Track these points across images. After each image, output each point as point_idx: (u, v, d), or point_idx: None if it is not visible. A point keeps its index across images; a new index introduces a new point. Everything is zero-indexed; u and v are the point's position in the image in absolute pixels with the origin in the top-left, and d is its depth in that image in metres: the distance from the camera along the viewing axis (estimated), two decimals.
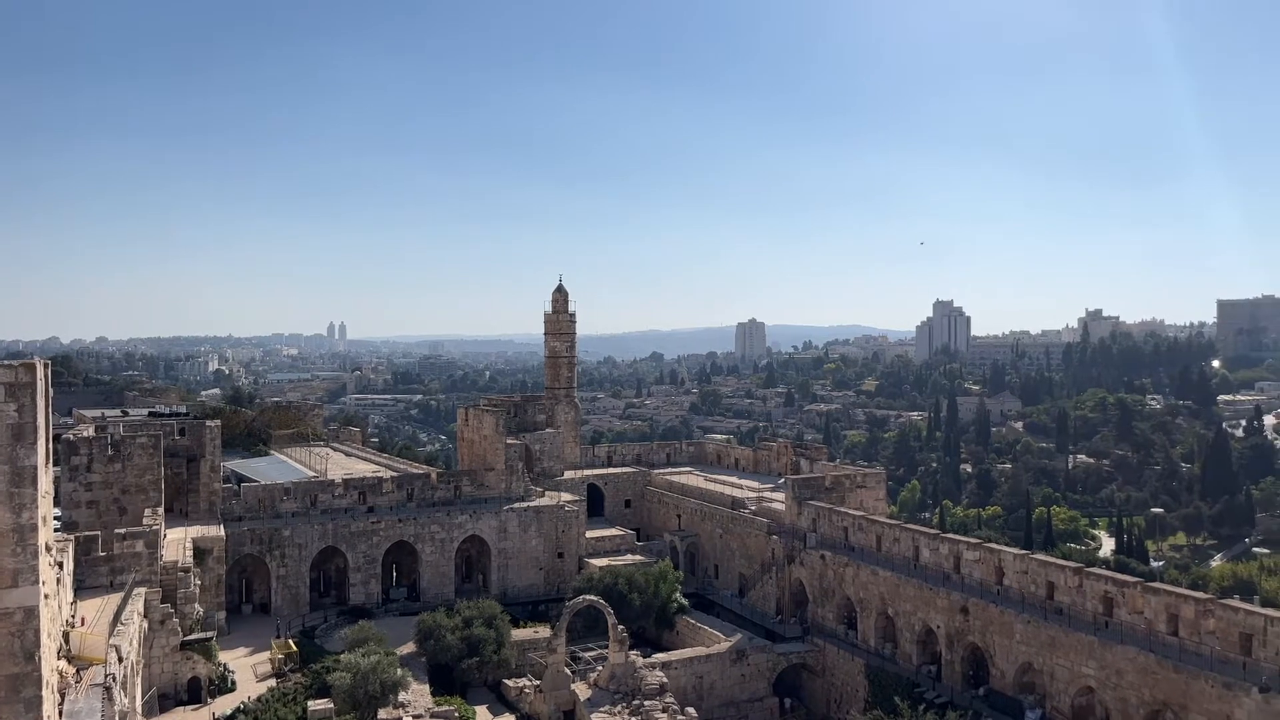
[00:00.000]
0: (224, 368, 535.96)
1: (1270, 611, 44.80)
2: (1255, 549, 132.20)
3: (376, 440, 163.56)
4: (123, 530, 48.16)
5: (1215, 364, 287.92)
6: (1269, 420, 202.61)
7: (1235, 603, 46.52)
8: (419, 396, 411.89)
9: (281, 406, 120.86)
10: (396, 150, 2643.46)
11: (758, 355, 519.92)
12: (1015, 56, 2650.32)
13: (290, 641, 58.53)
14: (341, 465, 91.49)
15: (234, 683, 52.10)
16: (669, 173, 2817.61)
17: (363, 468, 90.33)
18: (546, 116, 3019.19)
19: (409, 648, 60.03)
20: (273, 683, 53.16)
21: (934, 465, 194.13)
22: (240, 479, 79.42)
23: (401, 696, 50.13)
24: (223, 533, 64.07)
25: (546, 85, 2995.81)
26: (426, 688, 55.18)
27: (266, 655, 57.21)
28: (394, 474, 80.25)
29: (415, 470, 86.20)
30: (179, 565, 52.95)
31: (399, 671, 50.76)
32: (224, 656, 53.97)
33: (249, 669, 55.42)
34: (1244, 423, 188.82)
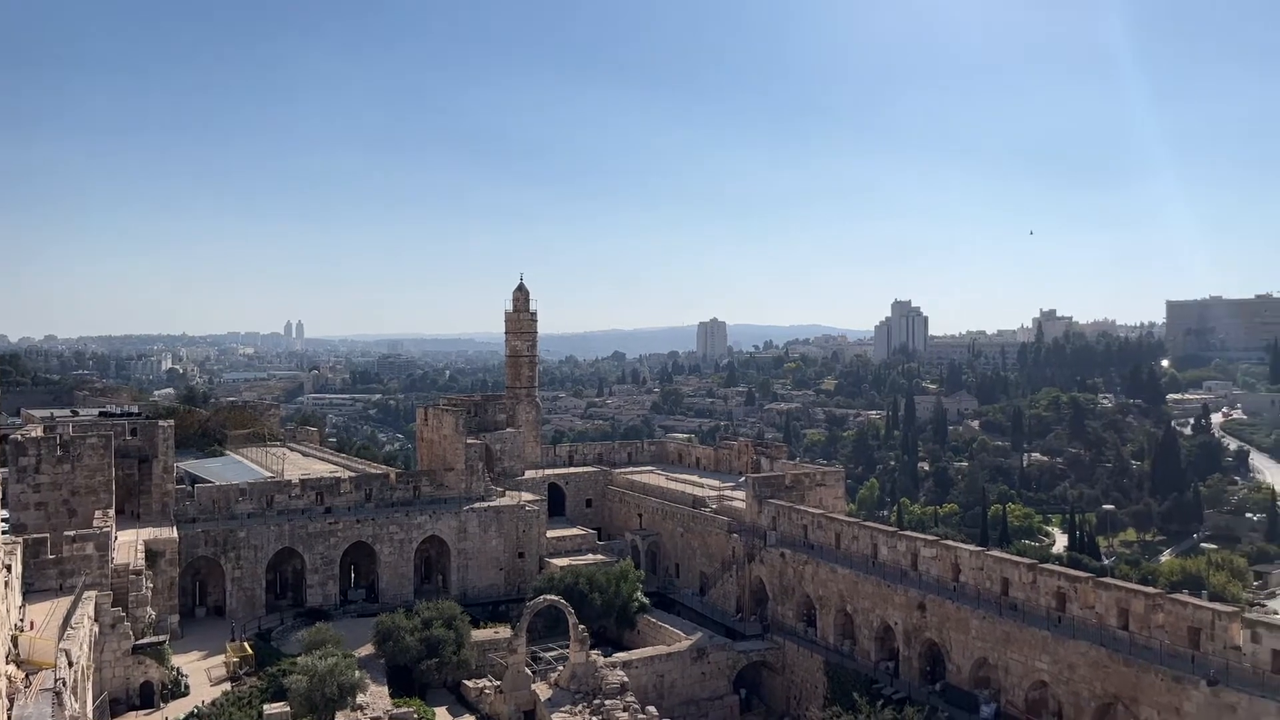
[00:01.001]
0: (178, 367, 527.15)
1: (1218, 606, 45.94)
2: (1203, 544, 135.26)
3: (334, 440, 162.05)
4: (72, 533, 47.27)
5: (1165, 364, 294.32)
6: (1216, 419, 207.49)
7: (1184, 597, 47.57)
8: (378, 396, 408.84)
9: (237, 406, 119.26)
10: (356, 148, 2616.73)
11: (719, 355, 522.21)
12: (973, 61, 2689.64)
13: (246, 644, 57.69)
14: (299, 465, 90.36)
15: (188, 687, 51.29)
16: (632, 173, 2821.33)
17: (320, 468, 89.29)
18: (510, 116, 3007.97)
19: (367, 649, 59.46)
20: (228, 687, 52.41)
21: (892, 463, 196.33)
22: (194, 480, 78.15)
23: (360, 699, 49.66)
24: (176, 534, 62.93)
25: (510, 84, 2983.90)
26: (385, 689, 54.69)
27: (221, 659, 56.30)
28: (352, 474, 79.42)
29: (374, 470, 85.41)
30: (130, 568, 52.01)
31: (357, 673, 50.27)
32: (177, 660, 53.12)
33: (203, 673, 54.52)
34: (1192, 421, 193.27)
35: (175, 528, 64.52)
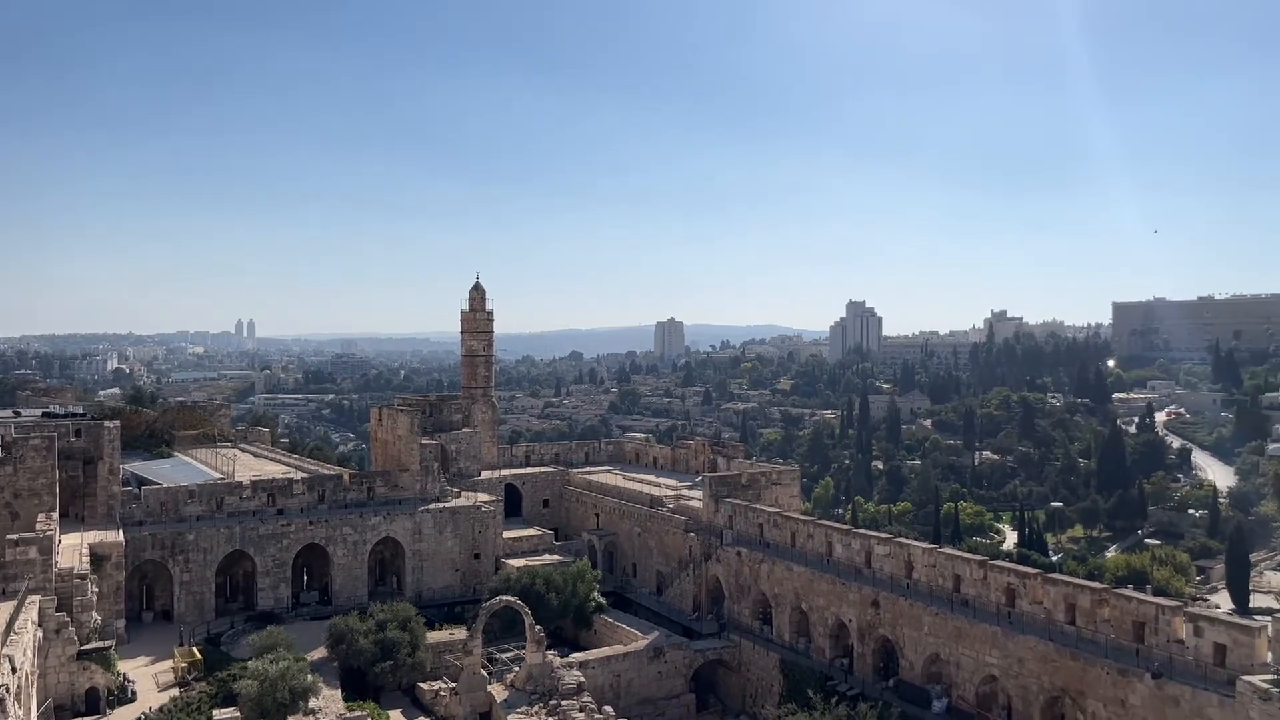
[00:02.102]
0: (124, 366, 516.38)
1: (1161, 600, 47.08)
2: (1147, 540, 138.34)
3: (287, 441, 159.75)
4: (15, 536, 46.21)
5: (1111, 363, 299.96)
6: (1160, 417, 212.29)
7: (1129, 592, 48.64)
8: (331, 396, 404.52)
9: (186, 406, 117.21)
10: (309, 144, 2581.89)
11: (676, 354, 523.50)
12: (926, 65, 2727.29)
13: (194, 649, 56.75)
14: (250, 467, 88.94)
15: (134, 693, 50.40)
16: (590, 173, 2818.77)
17: (272, 469, 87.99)
18: (467, 115, 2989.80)
19: (320, 653, 58.75)
20: (176, 692, 51.59)
21: (847, 462, 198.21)
22: (141, 482, 76.59)
23: (312, 703, 49.02)
24: (122, 538, 61.84)
25: (468, 83, 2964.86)
26: (338, 693, 54.07)
27: (169, 664, 55.36)
28: (305, 475, 78.38)
29: (327, 471, 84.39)
30: (75, 572, 50.96)
31: (309, 677, 49.62)
32: (124, 666, 52.21)
33: (150, 678, 53.63)
34: (1137, 420, 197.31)
35: (121, 531, 63.39)
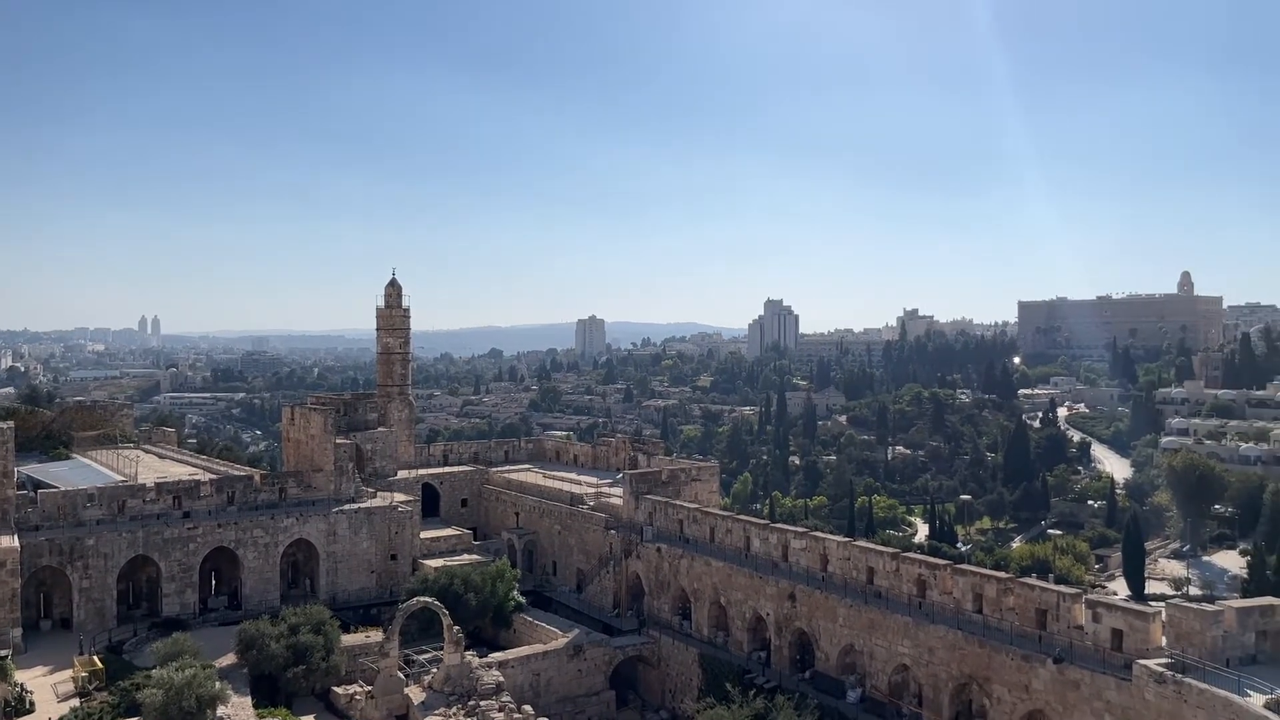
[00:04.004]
0: (19, 364, 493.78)
1: (1063, 588, 48.95)
2: (1050, 530, 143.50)
3: (194, 442, 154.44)
4: None
5: (1016, 360, 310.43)
6: (1062, 412, 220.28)
7: (1032, 581, 50.52)
8: (241, 395, 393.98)
9: (85, 406, 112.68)
10: (214, 135, 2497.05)
11: (597, 352, 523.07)
12: (843, 69, 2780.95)
13: (95, 658, 54.78)
14: (154, 468, 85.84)
15: (33, 704, 48.66)
16: (508, 170, 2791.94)
17: (178, 470, 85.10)
18: (380, 110, 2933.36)
19: (229, 659, 57.12)
20: (76, 703, 49.82)
21: (765, 458, 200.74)
22: (37, 485, 73.29)
23: (220, 711, 47.74)
24: (16, 543, 59.27)
25: (382, 77, 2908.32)
26: (248, 700, 52.65)
27: (69, 674, 53.41)
28: (213, 476, 76.00)
29: (237, 472, 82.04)
30: None
31: (217, 685, 48.25)
32: (21, 676, 50.54)
33: (49, 689, 51.73)
34: (1040, 415, 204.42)
35: (15, 536, 60.72)
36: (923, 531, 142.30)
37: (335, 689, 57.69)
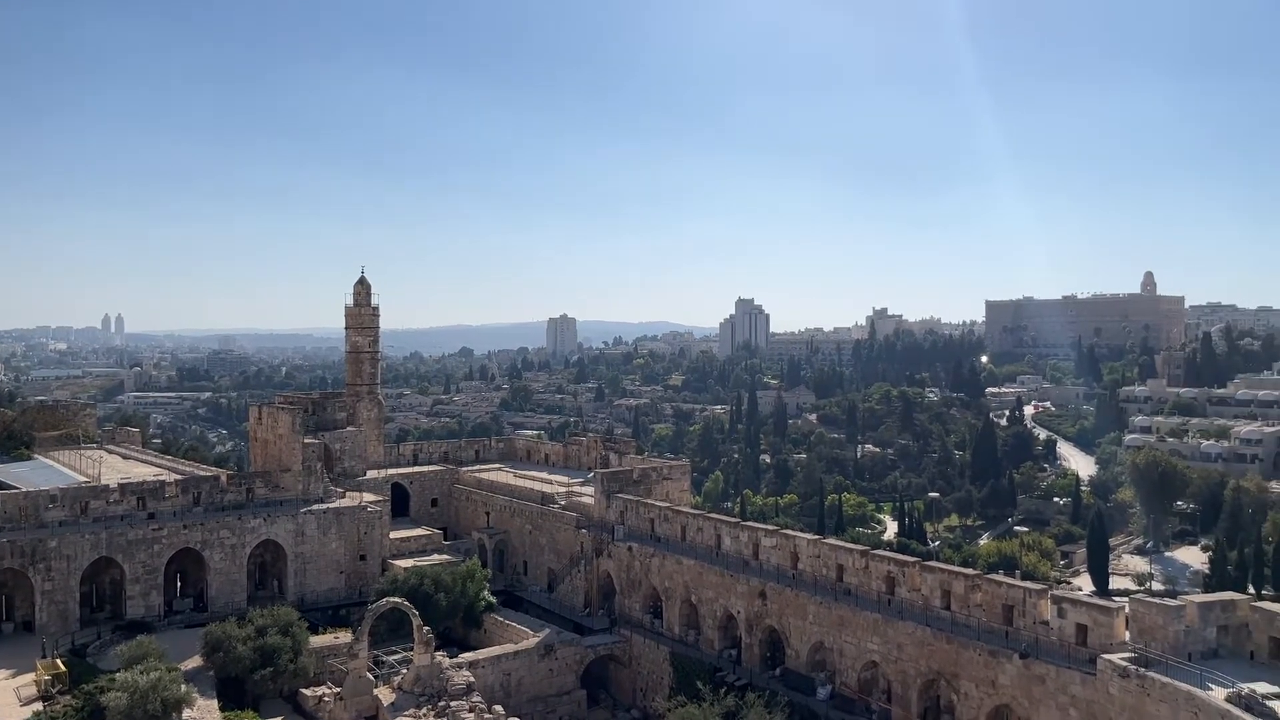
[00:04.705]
0: None
1: (1028, 584, 49.63)
2: (1016, 527, 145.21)
3: (159, 442, 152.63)
4: None
5: (984, 359, 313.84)
6: (1028, 410, 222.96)
7: (999, 577, 51.04)
8: (208, 394, 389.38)
9: (47, 406, 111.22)
10: (180, 132, 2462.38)
11: (569, 351, 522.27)
12: (814, 69, 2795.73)
13: (58, 661, 53.91)
14: (118, 469, 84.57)
15: None
16: (479, 170, 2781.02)
17: (143, 471, 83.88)
18: (349, 108, 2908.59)
19: (195, 662, 56.47)
20: (39, 707, 49.06)
21: (735, 456, 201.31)
22: None
23: (186, 714, 47.23)
24: None
25: (352, 75, 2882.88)
26: (215, 703, 52.10)
27: (31, 677, 52.60)
28: (179, 476, 75.00)
29: (203, 472, 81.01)
30: None
31: (183, 687, 47.78)
32: None
33: (11, 692, 51.00)
34: (1007, 413, 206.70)
35: None
36: (892, 529, 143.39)
37: (304, 691, 57.14)
